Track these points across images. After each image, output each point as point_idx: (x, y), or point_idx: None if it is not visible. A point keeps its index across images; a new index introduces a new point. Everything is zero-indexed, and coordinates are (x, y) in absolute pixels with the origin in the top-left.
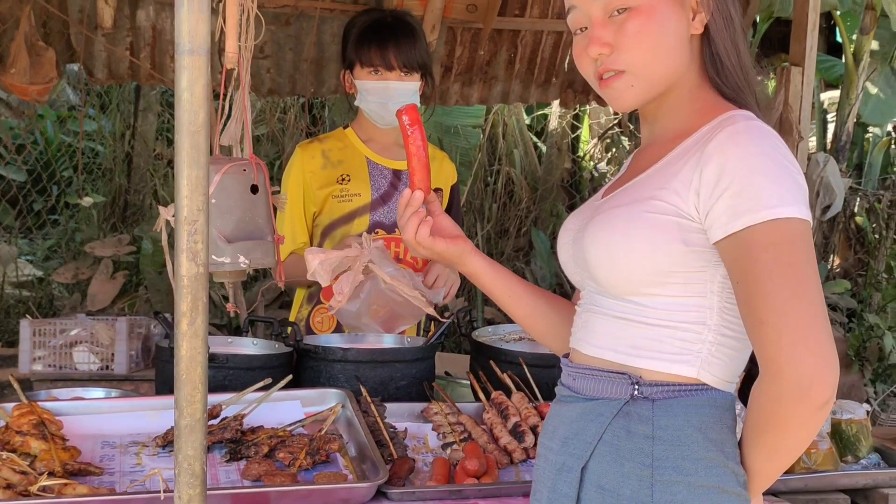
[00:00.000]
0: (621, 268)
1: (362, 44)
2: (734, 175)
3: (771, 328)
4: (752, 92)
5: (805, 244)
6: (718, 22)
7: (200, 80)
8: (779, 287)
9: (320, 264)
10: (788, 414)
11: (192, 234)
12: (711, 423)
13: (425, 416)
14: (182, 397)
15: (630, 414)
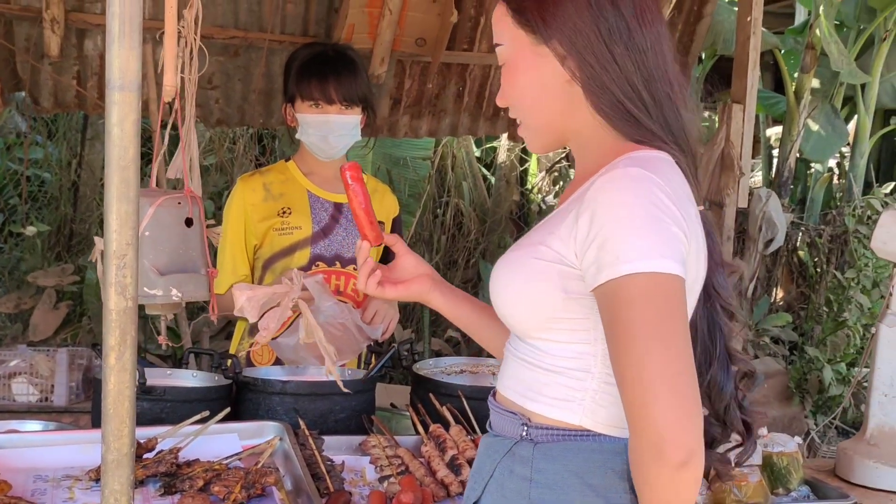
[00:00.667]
0: (513, 312)
1: (303, 77)
2: (601, 225)
3: (628, 386)
4: (666, 129)
5: (664, 299)
6: (593, 66)
7: (131, 116)
8: (633, 345)
9: (248, 300)
10: (648, 475)
11: (121, 268)
12: (592, 469)
13: (363, 449)
14: (109, 431)
15: (515, 454)
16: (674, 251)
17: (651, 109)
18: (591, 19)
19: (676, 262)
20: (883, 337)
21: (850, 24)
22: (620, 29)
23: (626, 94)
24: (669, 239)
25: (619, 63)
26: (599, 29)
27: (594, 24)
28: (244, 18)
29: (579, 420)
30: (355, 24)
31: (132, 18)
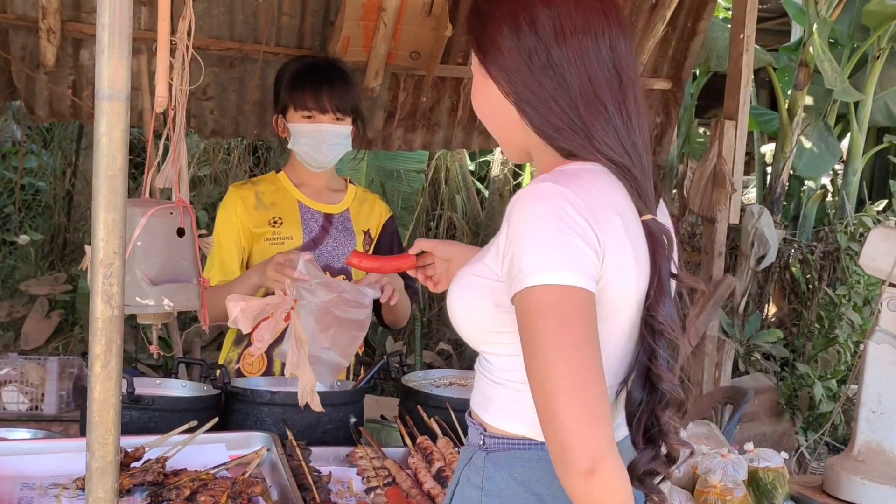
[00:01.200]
0: (461, 325)
1: (296, 88)
2: (512, 240)
3: (535, 396)
4: (598, 141)
5: (563, 311)
6: (519, 87)
7: (119, 126)
8: (537, 357)
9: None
10: (563, 484)
11: (108, 277)
12: (538, 478)
13: (350, 460)
14: (94, 439)
15: (472, 463)
16: (576, 264)
17: (578, 124)
18: (512, 42)
19: (578, 274)
20: (871, 353)
21: (844, 42)
22: (539, 49)
23: (552, 112)
24: (572, 252)
25: (542, 83)
26: (520, 51)
27: (515, 47)
28: (240, 30)
29: (523, 430)
30: (350, 37)
31: (122, 29)
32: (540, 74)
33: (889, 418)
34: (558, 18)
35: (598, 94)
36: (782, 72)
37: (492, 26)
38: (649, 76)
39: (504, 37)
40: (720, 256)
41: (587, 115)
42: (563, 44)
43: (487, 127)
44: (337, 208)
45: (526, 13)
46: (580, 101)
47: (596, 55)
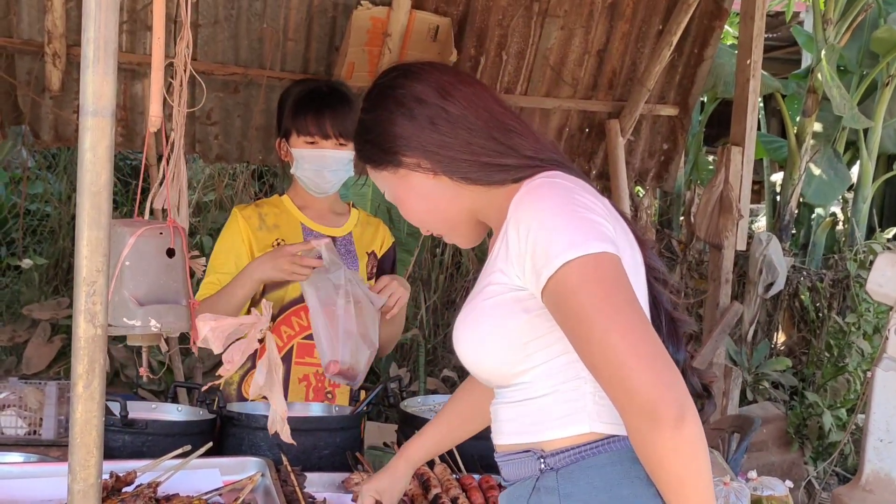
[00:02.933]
0: (481, 363)
1: (298, 112)
2: (527, 235)
3: (601, 370)
4: (529, 157)
5: (603, 276)
6: (439, 153)
7: (104, 142)
8: (591, 330)
9: (211, 331)
10: (653, 447)
11: (91, 296)
12: (617, 481)
13: (346, 486)
14: (75, 461)
15: (540, 489)
16: (598, 233)
17: (505, 151)
18: (410, 123)
19: (603, 242)
20: (879, 381)
21: (853, 69)
22: (435, 114)
23: (477, 155)
24: (591, 225)
25: (453, 137)
26: (422, 126)
27: (415, 126)
28: (245, 55)
29: (588, 427)
30: (355, 62)
31: (107, 44)
32: (448, 131)
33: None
34: (437, 84)
35: (503, 121)
36: (791, 99)
37: (385, 127)
38: (656, 102)
39: (401, 125)
40: (727, 283)
41: (506, 139)
42: (452, 98)
43: (430, 225)
44: (340, 231)
45: (409, 97)
46: (494, 129)
47: (481, 97)
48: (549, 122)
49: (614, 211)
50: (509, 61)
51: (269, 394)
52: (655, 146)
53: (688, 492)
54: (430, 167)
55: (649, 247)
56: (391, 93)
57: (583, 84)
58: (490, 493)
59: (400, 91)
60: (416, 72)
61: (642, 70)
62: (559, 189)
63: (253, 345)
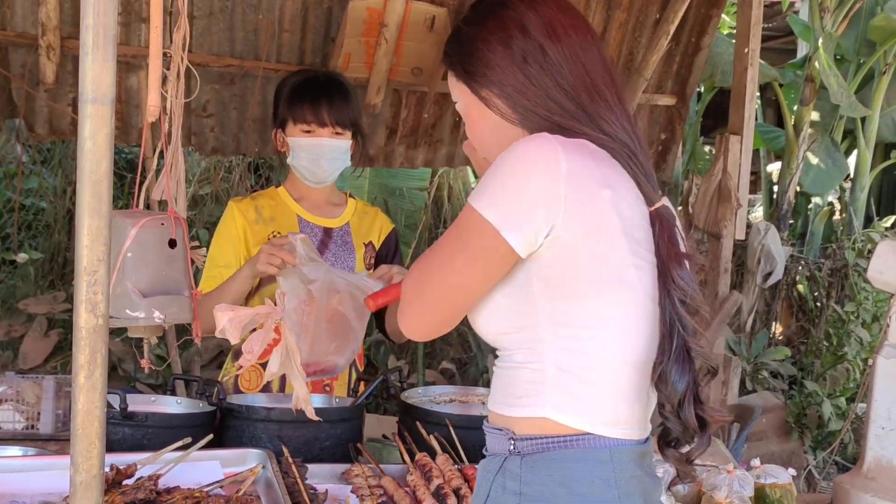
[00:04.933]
0: (478, 322)
1: (295, 101)
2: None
3: (411, 273)
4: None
5: (466, 232)
6: (513, 94)
7: (103, 130)
8: (430, 250)
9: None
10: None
11: (92, 285)
12: (578, 478)
13: (346, 478)
14: (78, 453)
15: (505, 470)
16: (504, 206)
17: (582, 118)
18: (504, 52)
19: (499, 214)
20: (880, 369)
21: (850, 57)
22: (533, 51)
23: (549, 110)
24: (507, 194)
25: (537, 83)
26: (513, 58)
27: (507, 56)
28: (240, 47)
29: (547, 412)
30: (351, 53)
31: (106, 31)
32: (537, 75)
33: None
34: (548, 20)
35: (596, 85)
36: (788, 88)
37: (479, 46)
38: (653, 92)
39: (494, 51)
40: (726, 273)
41: (589, 103)
42: (557, 42)
43: (488, 151)
44: (337, 222)
45: (515, 22)
46: (582, 91)
47: (587, 51)
48: None
49: (629, 211)
50: None
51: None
52: (653, 136)
53: None
54: (504, 110)
55: (684, 266)
56: (499, 10)
57: None
58: None
59: (510, 12)
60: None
61: (639, 59)
62: (535, 153)
63: (270, 335)
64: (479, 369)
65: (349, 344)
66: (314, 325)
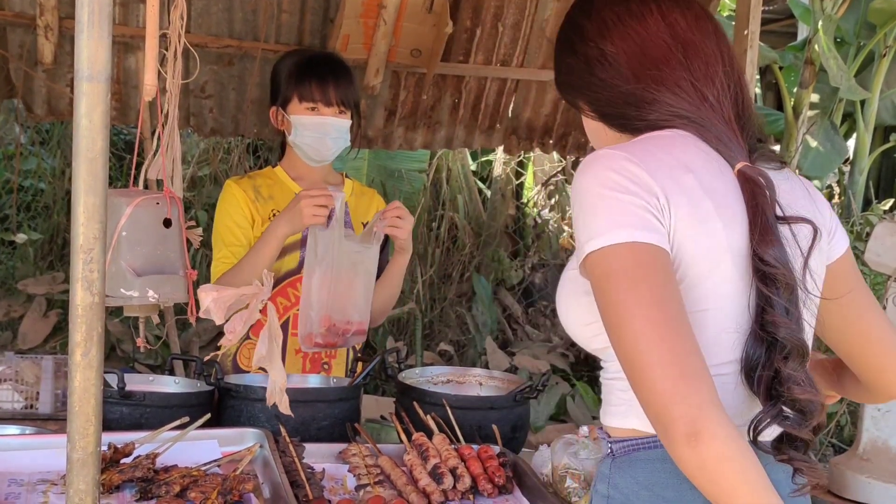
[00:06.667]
0: (570, 330)
1: (302, 79)
2: (573, 210)
3: (623, 365)
4: (673, 111)
5: (623, 269)
6: (593, 100)
7: (99, 107)
8: (610, 322)
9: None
10: (675, 459)
11: (88, 263)
12: (663, 481)
13: (343, 457)
14: (74, 430)
15: (601, 473)
16: (629, 220)
17: (651, 104)
18: (573, 59)
19: (634, 230)
20: None
21: (850, 40)
22: (593, 53)
23: (624, 103)
24: (623, 211)
25: (604, 83)
26: (579, 63)
27: (575, 62)
28: (239, 28)
29: (634, 423)
30: (350, 34)
31: (102, 7)
32: (601, 74)
33: (895, 416)
34: (602, 20)
35: (656, 65)
36: (788, 71)
37: (558, 57)
38: None
39: (566, 63)
40: None
41: (655, 89)
42: (611, 40)
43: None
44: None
45: (574, 29)
46: (646, 80)
47: (647, 36)
48: (545, 95)
49: (719, 187)
50: (505, 33)
51: (269, 364)
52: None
53: None
54: (590, 113)
55: (764, 229)
56: (564, 26)
57: None
58: (488, 462)
59: (570, 20)
60: (588, 1)
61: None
62: (603, 165)
63: (254, 315)
64: (477, 351)
65: (356, 314)
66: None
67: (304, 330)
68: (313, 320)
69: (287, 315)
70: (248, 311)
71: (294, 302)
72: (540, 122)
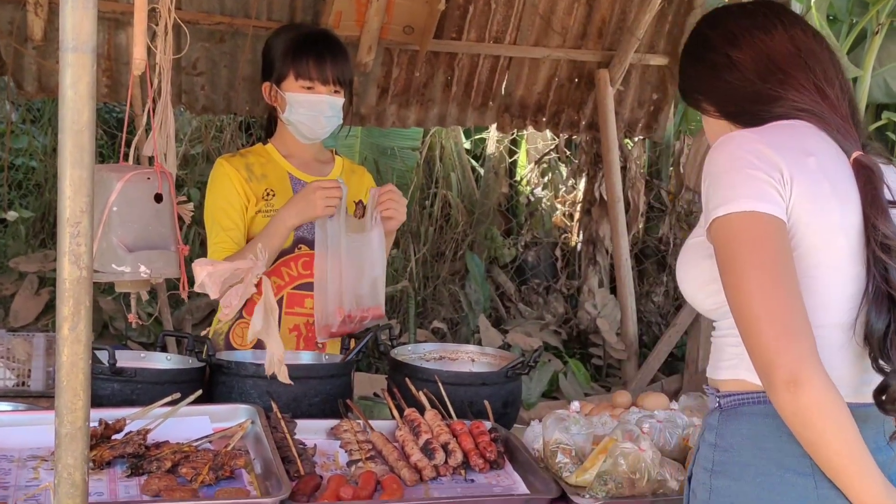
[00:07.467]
0: (688, 294)
1: (298, 56)
2: (704, 187)
3: (735, 318)
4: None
5: (746, 235)
6: (720, 100)
7: (85, 78)
8: (730, 280)
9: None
10: (776, 407)
11: (75, 237)
12: (765, 433)
13: (335, 433)
14: (62, 404)
15: (709, 424)
16: (756, 192)
17: (769, 102)
18: (697, 67)
19: (759, 201)
20: None
21: (843, 17)
22: (719, 59)
23: (751, 100)
24: (751, 182)
25: (731, 84)
26: (707, 69)
27: (704, 69)
28: (230, 5)
29: (744, 374)
30: (343, 11)
31: None
32: (728, 77)
33: None
34: (728, 30)
35: (783, 70)
36: None
37: (683, 70)
38: (645, 52)
39: (692, 70)
40: None
41: (780, 87)
42: (739, 46)
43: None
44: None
45: (700, 43)
46: (771, 79)
47: (771, 42)
48: (538, 72)
49: (836, 172)
50: (498, 10)
51: (266, 336)
52: (645, 96)
53: (819, 454)
54: (715, 110)
55: (882, 211)
56: (690, 39)
57: (572, 33)
58: (480, 438)
59: (697, 36)
60: (714, 16)
61: (632, 18)
62: (738, 141)
63: (250, 289)
64: (470, 329)
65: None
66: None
67: (321, 321)
68: (329, 312)
69: (281, 294)
70: (244, 285)
71: (288, 281)
72: (533, 99)
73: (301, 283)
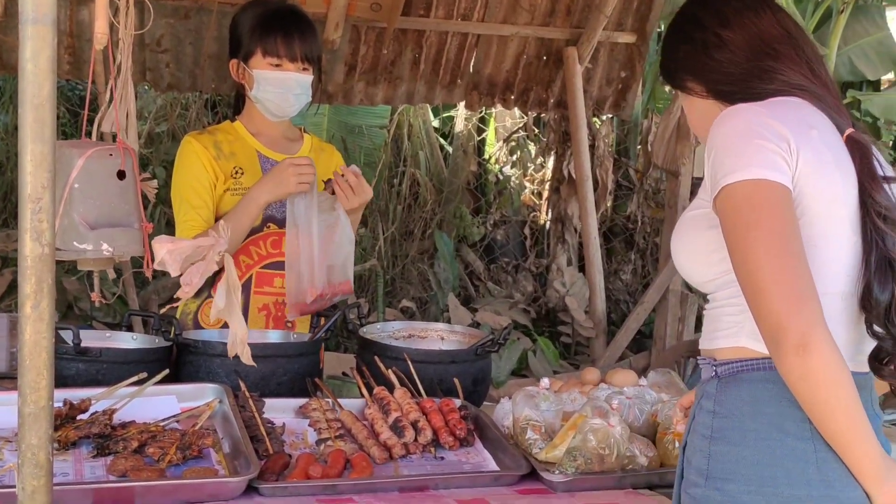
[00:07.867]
0: (684, 268)
1: (266, 33)
2: (710, 157)
3: (743, 283)
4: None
5: (754, 202)
6: (709, 78)
7: (45, 52)
8: (739, 245)
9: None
10: (782, 370)
11: (37, 213)
12: (766, 398)
13: (304, 412)
14: (25, 384)
15: (706, 392)
16: (763, 160)
17: (763, 78)
18: (689, 45)
19: (766, 169)
20: None
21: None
22: (710, 38)
23: (745, 78)
24: (759, 151)
25: (720, 63)
26: (697, 49)
27: (693, 48)
28: None
29: (745, 342)
30: None
31: None
32: (719, 56)
33: None
34: (717, 10)
35: (774, 48)
36: None
37: (669, 50)
38: (613, 29)
39: (679, 50)
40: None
41: (774, 63)
42: (729, 26)
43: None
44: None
45: (688, 22)
46: (763, 57)
47: (761, 22)
48: (506, 50)
49: (835, 145)
50: None
51: (229, 316)
52: (613, 74)
53: (823, 418)
54: (704, 92)
55: (878, 184)
56: (677, 18)
57: (540, 10)
58: (450, 415)
59: (684, 15)
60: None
61: None
62: (745, 114)
63: (211, 266)
64: (439, 308)
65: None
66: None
67: (293, 299)
68: (301, 290)
69: (250, 273)
70: (205, 262)
71: (257, 260)
72: (501, 77)
73: (270, 262)
